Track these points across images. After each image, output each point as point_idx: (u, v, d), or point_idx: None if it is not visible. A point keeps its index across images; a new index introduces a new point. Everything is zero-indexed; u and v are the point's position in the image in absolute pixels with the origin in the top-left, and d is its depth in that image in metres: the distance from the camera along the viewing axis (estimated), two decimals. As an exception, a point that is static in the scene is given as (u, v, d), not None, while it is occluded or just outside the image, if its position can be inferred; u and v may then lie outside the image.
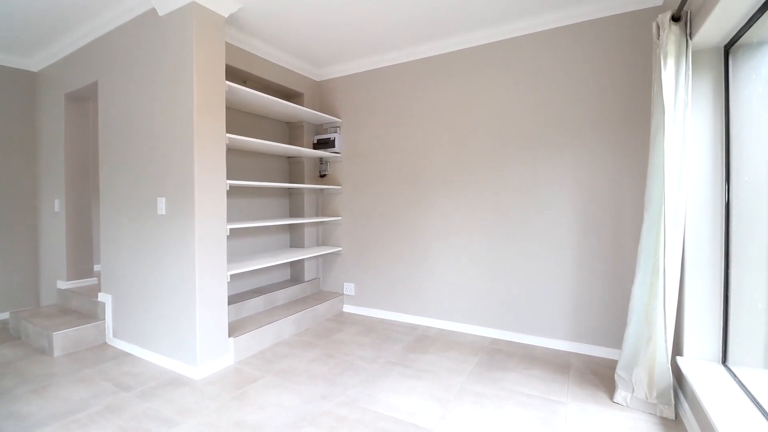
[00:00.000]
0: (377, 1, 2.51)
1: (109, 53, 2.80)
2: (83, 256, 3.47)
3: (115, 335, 2.86)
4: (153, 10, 2.49)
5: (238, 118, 3.28)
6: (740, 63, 1.74)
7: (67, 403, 2.06)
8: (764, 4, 1.43)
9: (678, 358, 1.92)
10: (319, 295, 3.70)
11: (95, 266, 3.90)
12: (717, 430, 1.36)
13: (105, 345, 2.86)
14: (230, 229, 2.70)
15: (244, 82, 3.28)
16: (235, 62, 2.99)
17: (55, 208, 3.42)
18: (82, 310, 3.10)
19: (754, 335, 1.72)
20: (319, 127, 3.87)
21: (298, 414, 1.96)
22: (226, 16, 2.48)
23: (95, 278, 3.54)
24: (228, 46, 2.90)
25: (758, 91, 1.67)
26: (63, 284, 3.35)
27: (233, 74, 3.12)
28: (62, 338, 2.68)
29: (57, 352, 2.66)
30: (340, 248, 3.74)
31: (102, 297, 2.92)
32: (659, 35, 1.86)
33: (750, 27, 1.57)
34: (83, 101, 3.41)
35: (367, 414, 1.95)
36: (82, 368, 2.48)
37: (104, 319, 2.89)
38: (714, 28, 1.65)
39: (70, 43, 3.06)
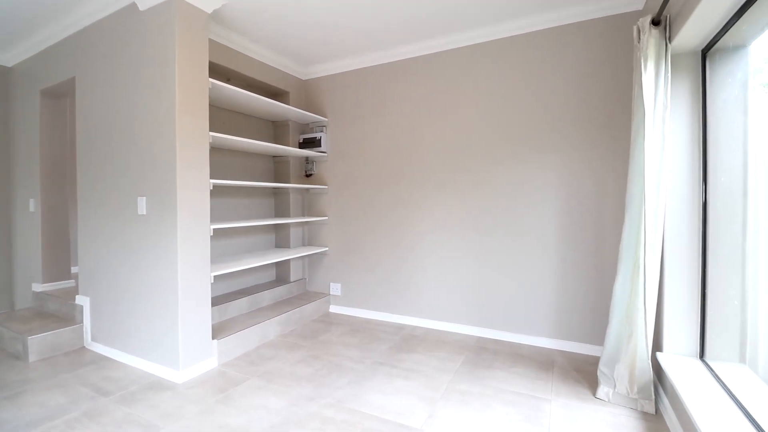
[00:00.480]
0: (364, 1, 2.50)
1: (88, 48, 2.72)
2: (60, 257, 3.36)
3: (93, 339, 2.77)
4: (133, 5, 2.42)
5: (221, 117, 3.22)
6: (717, 67, 1.79)
7: (44, 410, 1.99)
8: (740, 9, 1.48)
9: (658, 353, 1.97)
10: (305, 296, 3.67)
11: (72, 268, 3.78)
12: (696, 423, 1.40)
13: (83, 349, 2.78)
14: (214, 229, 2.65)
15: (227, 80, 3.22)
16: (219, 59, 2.94)
17: (30, 207, 3.30)
18: (58, 313, 3.00)
19: (730, 331, 1.77)
20: (305, 127, 3.84)
21: (284, 416, 1.93)
22: (210, 12, 2.43)
23: (72, 280, 3.43)
24: (211, 42, 2.84)
25: (734, 94, 1.73)
26: (38, 287, 3.24)
27: (216, 71, 3.07)
28: (38, 343, 2.59)
29: (32, 357, 2.56)
30: (327, 248, 3.72)
31: (80, 299, 2.84)
32: (640, 39, 1.91)
33: (726, 32, 1.61)
34: (59, 98, 3.30)
35: (354, 415, 1.94)
36: (59, 373, 2.40)
37: (82, 322, 2.81)
38: (692, 33, 1.70)
39: (47, 37, 2.96)
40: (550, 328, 2.79)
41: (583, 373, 2.38)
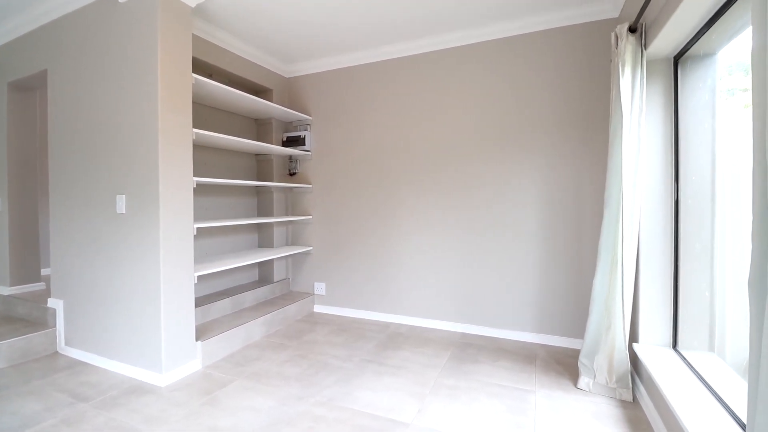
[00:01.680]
0: (351, 0, 2.50)
1: (61, 40, 2.61)
2: (29, 259, 3.20)
3: (67, 344, 2.66)
4: (112, -4, 2.34)
5: (203, 114, 3.15)
6: (688, 73, 1.91)
7: (17, 418, 1.89)
8: (710, 20, 1.58)
9: (634, 344, 2.07)
10: (289, 296, 3.64)
11: (42, 270, 3.60)
12: (671, 407, 1.49)
13: (56, 354, 2.66)
14: (196, 228, 2.59)
15: (210, 76, 3.15)
16: (201, 54, 2.88)
17: (-5, 207, 3.13)
18: (29, 317, 2.86)
19: (700, 322, 1.89)
20: (289, 125, 3.80)
21: (274, 416, 1.92)
22: (193, 6, 2.38)
23: (42, 283, 3.27)
24: (193, 37, 2.77)
25: (704, 99, 1.84)
26: (6, 290, 3.07)
27: (198, 67, 3.00)
28: (7, 348, 2.46)
29: (1, 364, 2.43)
30: (311, 248, 3.70)
31: (52, 303, 2.71)
32: (618, 45, 2.00)
33: (697, 40, 1.72)
34: (29, 91, 3.15)
35: (344, 412, 1.95)
36: (32, 380, 2.29)
37: (55, 326, 2.68)
38: (666, 40, 1.80)
39: (17, 26, 2.81)
40: (532, 322, 2.88)
41: (565, 365, 2.47)
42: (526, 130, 2.85)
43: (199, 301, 2.96)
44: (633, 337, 2.17)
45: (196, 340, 2.48)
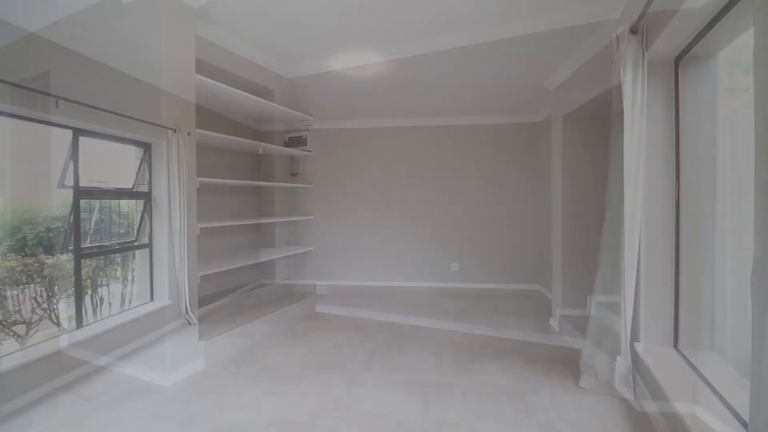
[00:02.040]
0: (351, 3, 2.51)
1: (64, 42, 2.61)
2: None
3: (71, 343, 2.66)
4: (116, -3, 2.35)
5: (205, 114, 3.16)
6: (688, 74, 1.92)
7: (22, 417, 1.91)
8: (711, 21, 1.59)
9: (635, 343, 2.08)
10: (291, 295, 3.65)
11: (44, 270, 3.60)
12: (673, 406, 1.50)
13: (59, 354, 2.66)
14: (199, 228, 2.61)
15: (212, 77, 3.16)
16: (203, 55, 2.88)
17: (-2, 207, 3.13)
18: (31, 318, 2.86)
19: (701, 320, 1.90)
20: (291, 125, 3.81)
21: (278, 415, 1.93)
22: (197, 7, 2.39)
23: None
24: (196, 38, 2.78)
25: (704, 100, 1.85)
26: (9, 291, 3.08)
27: (201, 68, 2.99)
28: (11, 349, 2.46)
29: (5, 365, 2.44)
30: (312, 247, 3.71)
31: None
32: (619, 46, 2.01)
33: (698, 42, 1.73)
34: (32, 91, 3.15)
35: (349, 410, 1.96)
36: (36, 380, 2.29)
37: (58, 326, 2.69)
38: (667, 42, 1.82)
39: (17, 28, 2.82)
40: (533, 322, 2.89)
41: (566, 365, 2.47)
42: (526, 131, 2.86)
43: (203, 301, 2.96)
44: (634, 336, 2.18)
45: (200, 339, 2.49)
